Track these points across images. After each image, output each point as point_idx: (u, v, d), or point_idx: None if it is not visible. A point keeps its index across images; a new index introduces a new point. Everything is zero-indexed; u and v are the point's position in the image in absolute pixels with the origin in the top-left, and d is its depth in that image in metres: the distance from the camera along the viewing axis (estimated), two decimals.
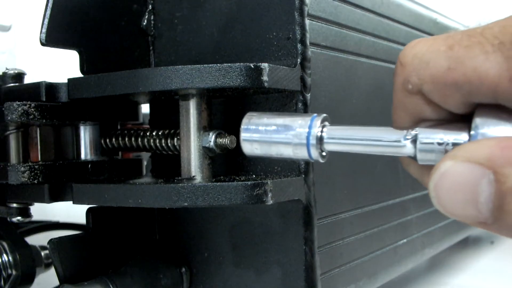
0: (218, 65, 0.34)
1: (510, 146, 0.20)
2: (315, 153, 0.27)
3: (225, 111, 0.41)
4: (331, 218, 0.41)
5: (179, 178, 0.38)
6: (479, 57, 0.22)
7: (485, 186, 0.20)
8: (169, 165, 0.44)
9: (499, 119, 0.22)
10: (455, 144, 0.23)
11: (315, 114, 0.28)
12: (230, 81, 0.34)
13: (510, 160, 0.20)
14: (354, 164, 0.44)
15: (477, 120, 0.22)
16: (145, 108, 0.47)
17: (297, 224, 0.38)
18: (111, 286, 0.38)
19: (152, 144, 0.41)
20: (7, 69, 0.43)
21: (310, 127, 0.27)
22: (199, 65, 0.34)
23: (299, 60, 0.37)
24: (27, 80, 0.43)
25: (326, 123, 0.28)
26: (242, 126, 0.29)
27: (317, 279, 0.38)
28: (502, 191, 0.20)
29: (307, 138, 0.27)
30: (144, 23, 0.44)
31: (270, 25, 0.39)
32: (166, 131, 0.40)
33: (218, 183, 0.34)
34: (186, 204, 0.34)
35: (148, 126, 0.47)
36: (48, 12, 0.38)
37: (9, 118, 0.36)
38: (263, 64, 0.34)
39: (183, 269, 0.43)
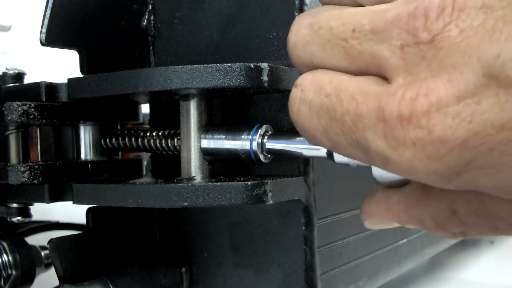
0: (218, 65, 0.34)
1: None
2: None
3: (225, 111, 0.41)
4: (331, 218, 0.41)
5: (179, 178, 0.38)
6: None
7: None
8: (169, 165, 0.44)
9: None
10: None
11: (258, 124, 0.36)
12: (230, 81, 0.34)
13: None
14: None
15: None
16: (145, 108, 0.47)
17: (297, 224, 0.38)
18: (111, 286, 0.38)
19: (152, 144, 0.41)
20: (7, 69, 0.43)
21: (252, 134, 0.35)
22: (199, 65, 0.34)
23: None
24: (27, 80, 0.43)
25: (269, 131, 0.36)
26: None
27: (317, 279, 0.38)
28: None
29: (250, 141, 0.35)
30: (144, 23, 0.44)
31: (270, 25, 0.39)
32: (166, 132, 0.40)
33: (218, 183, 0.34)
34: (186, 204, 0.34)
35: (148, 126, 0.47)
36: (48, 12, 0.38)
37: (9, 118, 0.36)
38: (263, 64, 0.34)
39: (183, 269, 0.43)
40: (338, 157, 0.29)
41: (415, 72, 0.21)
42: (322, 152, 0.31)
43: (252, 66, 0.34)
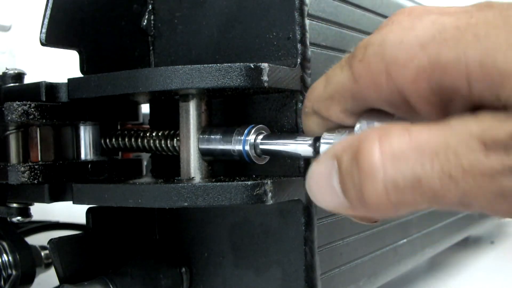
0: (218, 65, 0.34)
1: (348, 139, 0.24)
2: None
3: (225, 111, 0.41)
4: (331, 218, 0.41)
5: (179, 178, 0.38)
6: (337, 72, 0.26)
7: (334, 173, 0.24)
8: (169, 166, 0.44)
9: (373, 119, 0.27)
10: None
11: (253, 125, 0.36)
12: (230, 81, 0.34)
13: (345, 148, 0.24)
14: None
15: (357, 124, 0.27)
16: (145, 108, 0.47)
17: (297, 224, 0.38)
18: (111, 286, 0.38)
19: (152, 144, 0.41)
20: (7, 69, 0.43)
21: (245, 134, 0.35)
22: (199, 65, 0.34)
23: (299, 60, 0.37)
24: (27, 80, 0.43)
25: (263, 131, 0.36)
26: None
27: (317, 279, 0.38)
28: (342, 173, 0.24)
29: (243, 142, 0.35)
30: (144, 23, 0.44)
31: (270, 25, 0.39)
32: (166, 132, 0.40)
33: (218, 183, 0.34)
34: (186, 204, 0.34)
35: (148, 126, 0.47)
36: (48, 12, 0.38)
37: (9, 118, 0.36)
38: (263, 64, 0.34)
39: (183, 269, 0.43)
40: None
41: None
42: (309, 150, 0.31)
43: (252, 66, 0.34)
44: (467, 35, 0.22)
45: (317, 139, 0.30)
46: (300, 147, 0.32)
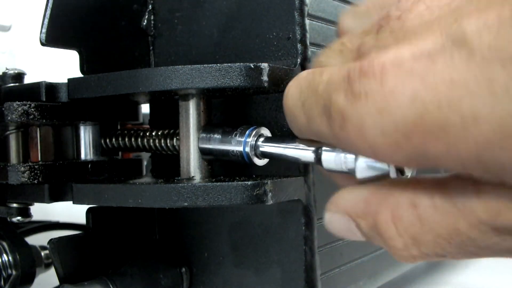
0: (218, 65, 0.34)
1: (354, 202, 0.25)
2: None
3: (225, 111, 0.41)
4: None
5: (179, 178, 0.38)
6: (315, 117, 0.25)
7: (354, 228, 0.26)
8: (169, 165, 0.44)
9: None
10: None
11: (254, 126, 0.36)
12: (230, 81, 0.34)
13: (359, 214, 0.25)
14: None
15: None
16: (145, 108, 0.47)
17: (297, 224, 0.38)
18: (111, 286, 0.38)
19: (152, 144, 0.41)
20: (7, 69, 0.43)
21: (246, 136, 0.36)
22: (199, 65, 0.34)
23: (299, 60, 0.37)
24: (27, 80, 0.43)
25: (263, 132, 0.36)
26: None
27: (317, 279, 0.38)
28: (364, 234, 0.25)
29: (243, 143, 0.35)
30: (144, 23, 0.44)
31: (270, 25, 0.39)
32: (166, 131, 0.40)
33: (218, 183, 0.34)
34: (186, 204, 0.34)
35: (148, 126, 0.47)
36: (48, 12, 0.38)
37: (9, 118, 0.36)
38: (263, 64, 0.34)
39: (183, 269, 0.43)
40: (326, 163, 0.29)
41: (384, 43, 0.23)
42: (311, 157, 0.31)
43: (252, 66, 0.34)
44: (453, 121, 0.19)
45: (319, 147, 0.30)
46: (301, 152, 0.32)
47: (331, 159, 0.29)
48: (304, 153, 0.31)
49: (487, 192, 0.21)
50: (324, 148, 0.29)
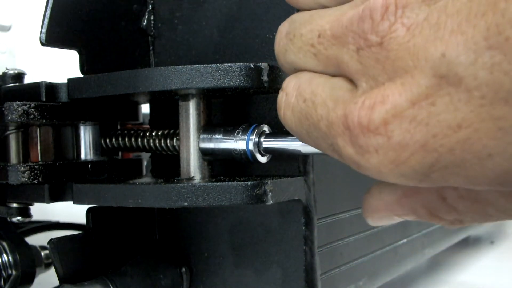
0: (218, 65, 0.34)
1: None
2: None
3: (225, 111, 0.41)
4: (331, 218, 0.41)
5: (179, 178, 0.38)
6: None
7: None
8: (169, 165, 0.44)
9: None
10: None
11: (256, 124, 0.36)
12: (230, 81, 0.34)
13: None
14: None
15: None
16: (145, 108, 0.47)
17: (297, 224, 0.38)
18: (111, 286, 0.38)
19: (151, 144, 0.41)
20: (7, 69, 0.43)
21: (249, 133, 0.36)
22: (199, 65, 0.34)
23: None
24: (27, 80, 0.43)
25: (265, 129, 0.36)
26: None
27: (317, 279, 0.38)
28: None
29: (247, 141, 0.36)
30: (144, 23, 0.44)
31: (270, 25, 0.39)
32: (166, 131, 0.40)
33: (218, 183, 0.34)
34: (186, 204, 0.34)
35: (148, 126, 0.47)
36: (48, 12, 0.38)
37: (9, 118, 0.36)
38: (263, 64, 0.34)
39: (183, 269, 0.43)
40: None
41: (373, 75, 0.21)
42: (314, 148, 0.31)
43: (252, 66, 0.34)
44: (469, 161, 0.19)
45: None
46: (304, 145, 0.32)
47: None
48: (307, 146, 0.32)
49: None
50: None
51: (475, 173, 0.20)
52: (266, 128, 0.36)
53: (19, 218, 0.42)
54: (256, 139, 0.35)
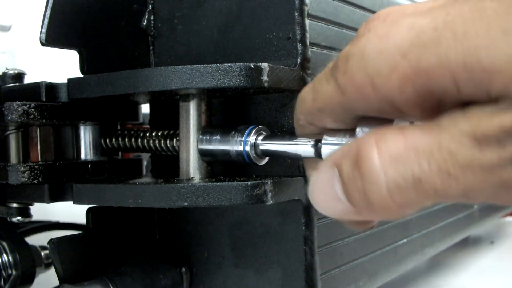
0: (218, 65, 0.34)
1: (345, 146, 0.24)
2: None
3: (225, 111, 0.41)
4: (331, 218, 0.41)
5: (178, 178, 0.38)
6: (323, 84, 0.26)
7: (336, 181, 0.24)
8: (169, 166, 0.44)
9: (372, 122, 0.27)
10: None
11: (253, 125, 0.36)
12: (230, 81, 0.34)
13: (344, 155, 0.24)
14: None
15: (357, 127, 0.27)
16: (145, 108, 0.47)
17: (297, 224, 0.38)
18: (111, 286, 0.38)
19: (151, 144, 0.41)
20: (7, 69, 0.43)
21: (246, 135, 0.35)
22: (199, 65, 0.34)
23: (299, 60, 0.37)
24: (27, 80, 0.43)
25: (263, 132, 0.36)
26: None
27: (317, 279, 0.38)
28: (344, 180, 0.24)
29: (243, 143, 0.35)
30: (144, 23, 0.44)
31: (270, 25, 0.39)
32: (166, 132, 0.40)
33: (218, 183, 0.34)
34: (186, 204, 0.34)
35: (148, 126, 0.47)
36: (48, 12, 0.38)
37: (9, 118, 0.36)
38: (263, 64, 0.34)
39: (183, 269, 0.43)
40: (325, 156, 0.30)
41: None
42: (311, 151, 0.31)
43: (252, 66, 0.34)
44: (446, 36, 0.21)
45: (318, 141, 0.30)
46: (301, 148, 0.32)
47: (330, 152, 0.29)
48: (304, 148, 0.32)
49: (471, 108, 0.22)
50: (323, 141, 0.29)
51: (447, 49, 0.21)
52: (264, 130, 0.36)
53: (19, 218, 0.42)
54: (253, 141, 0.35)
